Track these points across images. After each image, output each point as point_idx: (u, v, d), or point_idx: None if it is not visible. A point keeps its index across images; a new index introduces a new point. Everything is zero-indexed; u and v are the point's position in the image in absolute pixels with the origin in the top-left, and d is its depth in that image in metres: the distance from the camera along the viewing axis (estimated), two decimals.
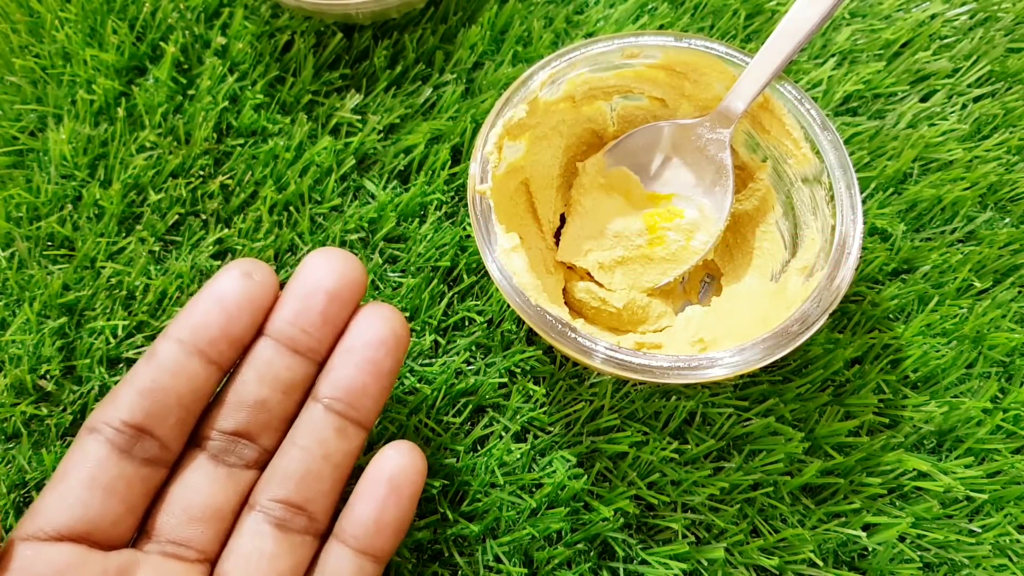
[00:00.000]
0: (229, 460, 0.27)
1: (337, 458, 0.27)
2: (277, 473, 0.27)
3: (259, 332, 0.28)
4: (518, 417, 0.34)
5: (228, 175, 0.38)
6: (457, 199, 0.38)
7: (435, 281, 0.36)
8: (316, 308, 0.27)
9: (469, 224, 0.37)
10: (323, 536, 0.28)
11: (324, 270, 0.28)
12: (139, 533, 0.26)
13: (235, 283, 0.27)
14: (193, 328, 0.26)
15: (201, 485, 0.26)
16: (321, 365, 0.28)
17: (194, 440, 0.27)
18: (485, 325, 0.35)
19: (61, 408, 0.33)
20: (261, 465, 0.28)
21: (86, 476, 0.25)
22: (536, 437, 0.34)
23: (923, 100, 0.40)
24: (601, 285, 0.35)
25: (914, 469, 0.33)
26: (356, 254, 0.36)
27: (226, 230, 0.37)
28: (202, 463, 0.27)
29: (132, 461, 0.25)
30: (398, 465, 0.27)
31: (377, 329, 0.27)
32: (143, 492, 0.26)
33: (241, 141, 0.38)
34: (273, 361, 0.27)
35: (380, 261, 0.36)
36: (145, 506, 0.26)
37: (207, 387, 0.27)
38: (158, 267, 0.36)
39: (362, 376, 0.27)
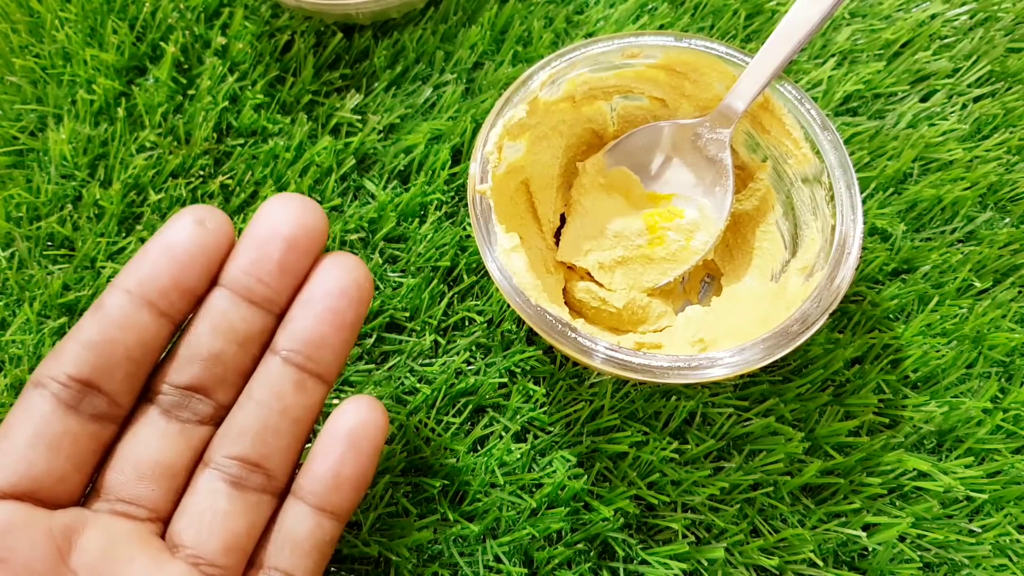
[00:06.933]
0: (182, 415, 0.26)
1: (296, 412, 0.26)
2: (233, 429, 0.26)
3: (213, 282, 0.26)
4: (518, 417, 0.34)
5: (228, 175, 0.38)
6: (457, 199, 0.38)
7: (435, 281, 0.36)
8: (273, 257, 0.26)
9: (469, 224, 0.37)
10: (282, 495, 0.26)
11: (281, 217, 0.26)
12: (89, 491, 0.25)
13: (187, 231, 0.25)
14: (142, 278, 0.25)
15: (152, 441, 0.25)
16: (280, 318, 0.27)
17: (145, 395, 0.26)
18: (485, 325, 0.35)
19: None
20: (216, 421, 0.26)
21: (30, 432, 0.24)
22: (536, 437, 0.34)
23: (923, 100, 0.40)
24: (601, 285, 0.35)
25: (914, 469, 0.33)
26: (356, 254, 0.36)
27: None
28: (153, 419, 0.26)
29: (79, 417, 0.24)
30: (357, 420, 0.26)
31: (339, 278, 0.26)
32: (91, 449, 0.25)
33: (241, 141, 0.38)
34: (228, 312, 0.26)
35: (380, 261, 0.36)
36: (94, 463, 0.25)
37: (158, 340, 0.25)
38: None
39: (321, 327, 0.26)
